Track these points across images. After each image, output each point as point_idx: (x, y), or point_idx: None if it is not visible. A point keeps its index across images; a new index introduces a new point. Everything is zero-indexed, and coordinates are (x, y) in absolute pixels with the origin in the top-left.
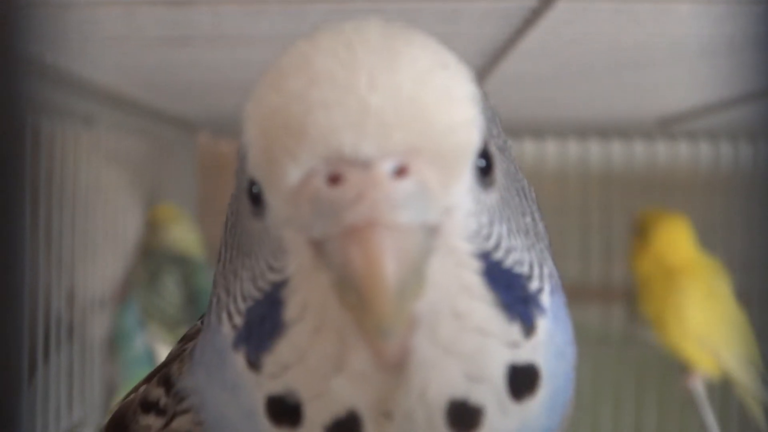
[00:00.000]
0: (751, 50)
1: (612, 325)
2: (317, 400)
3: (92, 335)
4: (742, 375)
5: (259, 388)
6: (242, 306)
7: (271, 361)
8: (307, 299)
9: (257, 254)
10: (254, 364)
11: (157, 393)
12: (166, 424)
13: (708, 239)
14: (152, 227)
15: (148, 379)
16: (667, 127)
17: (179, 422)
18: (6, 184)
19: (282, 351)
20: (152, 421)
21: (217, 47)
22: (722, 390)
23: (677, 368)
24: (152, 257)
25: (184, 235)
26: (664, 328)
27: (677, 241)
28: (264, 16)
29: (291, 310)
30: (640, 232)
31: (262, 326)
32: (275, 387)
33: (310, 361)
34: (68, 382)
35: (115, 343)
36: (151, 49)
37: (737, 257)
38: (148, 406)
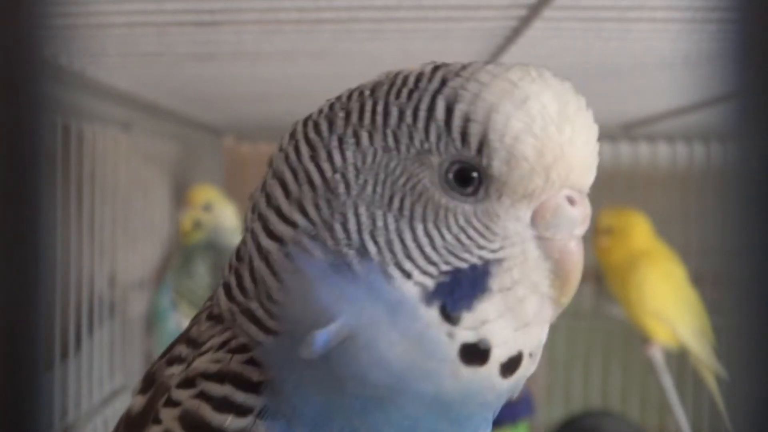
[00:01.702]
0: (704, 63)
1: (582, 302)
2: (503, 346)
3: (132, 313)
4: (696, 346)
5: (453, 336)
6: (433, 270)
7: (470, 316)
8: (521, 276)
9: (450, 227)
10: (451, 318)
11: (180, 349)
12: (186, 367)
13: (666, 228)
14: (205, 206)
15: (171, 346)
16: (629, 130)
17: (235, 361)
18: (35, 182)
19: (484, 310)
20: (175, 369)
21: (239, 62)
22: (679, 358)
23: (639, 339)
24: (188, 245)
25: (234, 217)
26: (627, 305)
27: (637, 233)
28: (279, 34)
29: (501, 281)
30: (607, 228)
31: (465, 289)
32: (471, 336)
33: (506, 319)
34: (110, 353)
35: (152, 320)
36: (181, 64)
37: (692, 244)
38: (172, 361)
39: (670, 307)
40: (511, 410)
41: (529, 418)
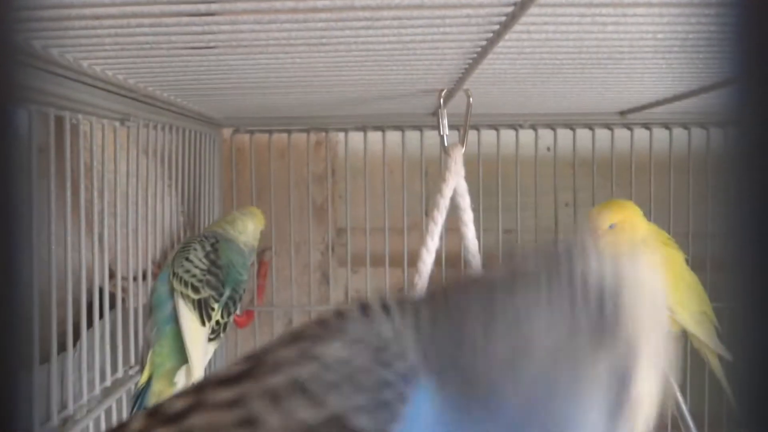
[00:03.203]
0: (702, 48)
1: None
2: None
3: (132, 306)
4: (697, 330)
5: None
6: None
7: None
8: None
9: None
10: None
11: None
12: None
13: (664, 214)
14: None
15: None
16: (626, 116)
17: None
18: (9, 175)
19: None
20: None
21: (235, 52)
22: (679, 342)
23: None
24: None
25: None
26: None
27: (636, 223)
28: (275, 24)
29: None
30: (612, 225)
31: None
32: None
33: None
34: (111, 345)
35: (152, 305)
36: (177, 54)
37: (690, 228)
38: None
39: (670, 293)
40: None
41: None
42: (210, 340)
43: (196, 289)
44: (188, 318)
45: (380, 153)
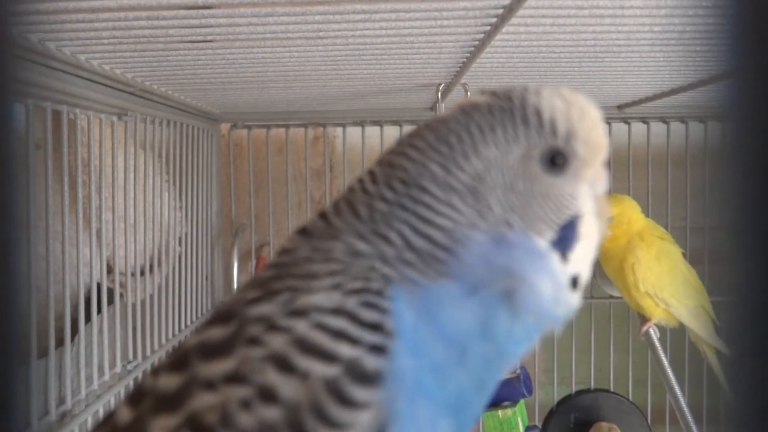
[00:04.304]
0: (699, 42)
1: None
2: (583, 273)
3: (129, 301)
4: (694, 323)
5: (566, 272)
6: (553, 227)
7: (573, 256)
8: (590, 224)
9: (554, 195)
10: (566, 259)
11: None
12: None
13: (661, 208)
14: None
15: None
16: (623, 110)
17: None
18: (4, 170)
19: (578, 250)
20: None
21: (232, 45)
22: (677, 336)
23: (636, 318)
24: None
25: None
26: (623, 287)
27: (632, 217)
28: (272, 17)
29: (583, 229)
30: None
31: (569, 238)
32: (573, 270)
33: (587, 252)
34: (109, 340)
35: None
36: (174, 48)
37: (688, 222)
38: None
39: (666, 287)
40: (512, 391)
41: (525, 398)
42: None
43: None
44: None
45: (378, 148)
